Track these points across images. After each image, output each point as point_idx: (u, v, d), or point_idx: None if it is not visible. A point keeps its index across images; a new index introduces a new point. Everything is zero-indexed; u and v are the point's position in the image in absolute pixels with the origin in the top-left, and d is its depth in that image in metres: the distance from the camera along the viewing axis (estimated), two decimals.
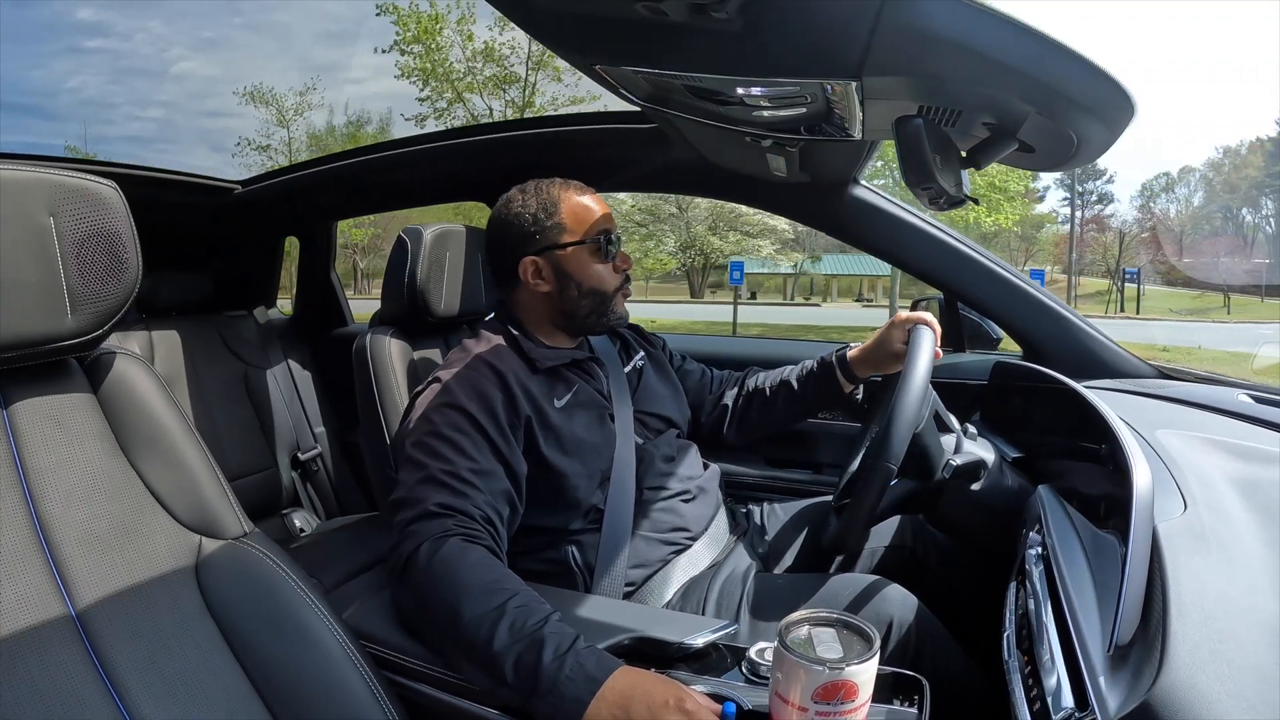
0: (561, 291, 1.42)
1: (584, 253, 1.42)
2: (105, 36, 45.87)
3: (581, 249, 1.41)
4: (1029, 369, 1.70)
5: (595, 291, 1.43)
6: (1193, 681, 0.62)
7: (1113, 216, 43.53)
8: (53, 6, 43.56)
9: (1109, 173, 42.78)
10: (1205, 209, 42.06)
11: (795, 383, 1.67)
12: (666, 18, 0.82)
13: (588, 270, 1.42)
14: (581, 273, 1.42)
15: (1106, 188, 44.77)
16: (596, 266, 1.42)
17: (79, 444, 0.92)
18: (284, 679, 0.92)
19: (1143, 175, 56.66)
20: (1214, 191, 42.02)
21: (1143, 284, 33.03)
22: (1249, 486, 1.00)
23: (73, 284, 0.87)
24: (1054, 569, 0.97)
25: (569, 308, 1.43)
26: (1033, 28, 0.78)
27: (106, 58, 46.18)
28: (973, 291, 1.88)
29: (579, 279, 1.42)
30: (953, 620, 1.31)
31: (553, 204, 1.42)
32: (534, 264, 1.42)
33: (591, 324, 1.46)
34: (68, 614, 0.84)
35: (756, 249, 26.94)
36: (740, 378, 1.78)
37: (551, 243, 1.41)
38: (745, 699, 0.95)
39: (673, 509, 1.42)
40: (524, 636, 0.97)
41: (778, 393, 1.69)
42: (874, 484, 1.23)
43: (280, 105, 24.59)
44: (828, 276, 36.60)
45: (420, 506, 1.14)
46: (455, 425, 1.23)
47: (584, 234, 1.41)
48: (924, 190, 1.05)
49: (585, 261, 1.42)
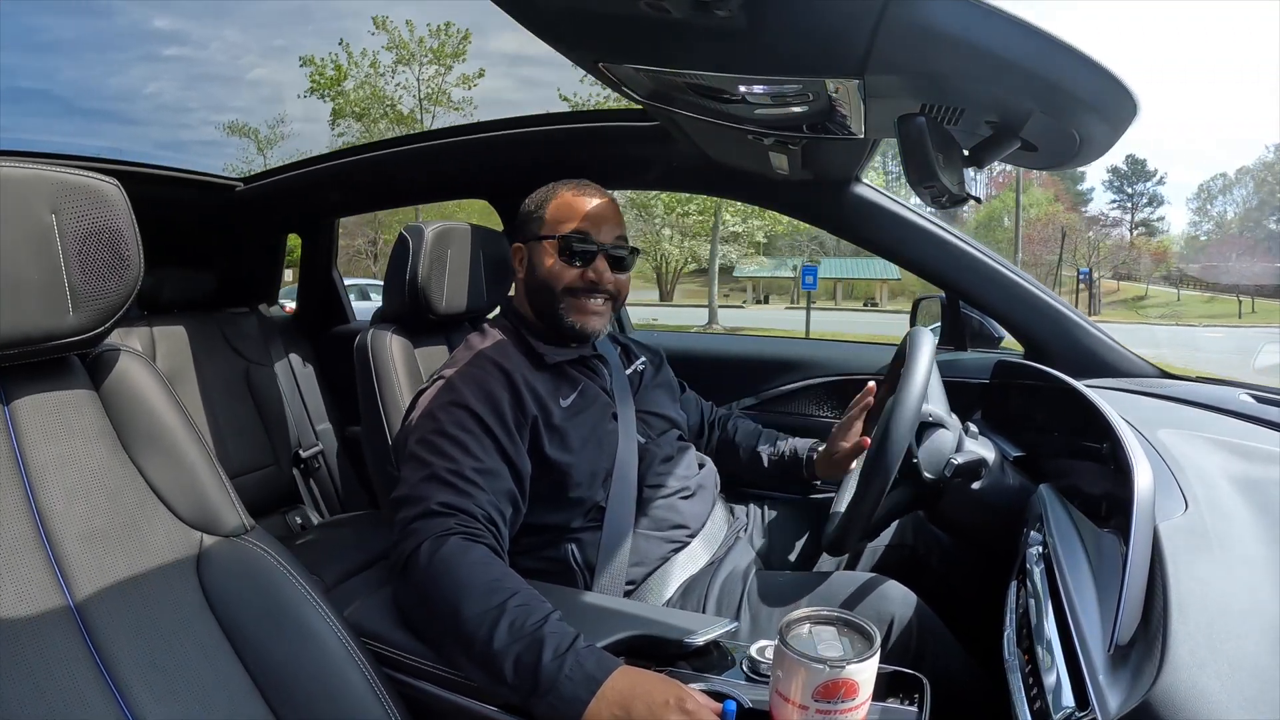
0: (528, 283, 1.44)
1: (548, 247, 1.41)
2: (181, 44, 48.58)
3: (548, 243, 1.41)
4: (1031, 368, 1.70)
5: (544, 286, 1.41)
6: (1193, 681, 0.62)
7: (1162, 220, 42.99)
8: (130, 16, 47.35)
9: (1160, 174, 42.42)
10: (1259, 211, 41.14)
11: (765, 459, 1.71)
12: (669, 15, 0.82)
13: (543, 264, 1.41)
14: (540, 265, 1.42)
15: (1157, 189, 44.38)
16: (551, 263, 1.41)
17: (80, 441, 0.92)
18: (284, 676, 0.92)
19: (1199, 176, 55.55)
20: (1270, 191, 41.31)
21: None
22: (1250, 486, 0.99)
23: (74, 281, 0.87)
24: (1055, 568, 0.97)
25: (532, 299, 1.45)
26: (1036, 26, 0.78)
27: (182, 65, 48.69)
28: (975, 290, 1.88)
29: (537, 271, 1.43)
30: (953, 619, 1.31)
31: (546, 198, 1.44)
32: (518, 250, 1.45)
33: (553, 324, 1.43)
34: (68, 610, 0.84)
35: (724, 254, 27.31)
36: (724, 420, 1.82)
37: (531, 233, 1.43)
38: (746, 697, 0.95)
39: (672, 506, 1.43)
40: (524, 635, 0.97)
41: (746, 456, 1.74)
42: (872, 487, 1.23)
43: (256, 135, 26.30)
44: (834, 280, 36.78)
45: (423, 505, 1.14)
46: (461, 424, 1.23)
47: (554, 229, 1.41)
48: (926, 188, 1.04)
49: (544, 256, 1.42)
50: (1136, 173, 46.43)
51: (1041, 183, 38.95)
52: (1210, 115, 63.74)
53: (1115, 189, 46.14)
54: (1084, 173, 45.99)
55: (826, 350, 2.32)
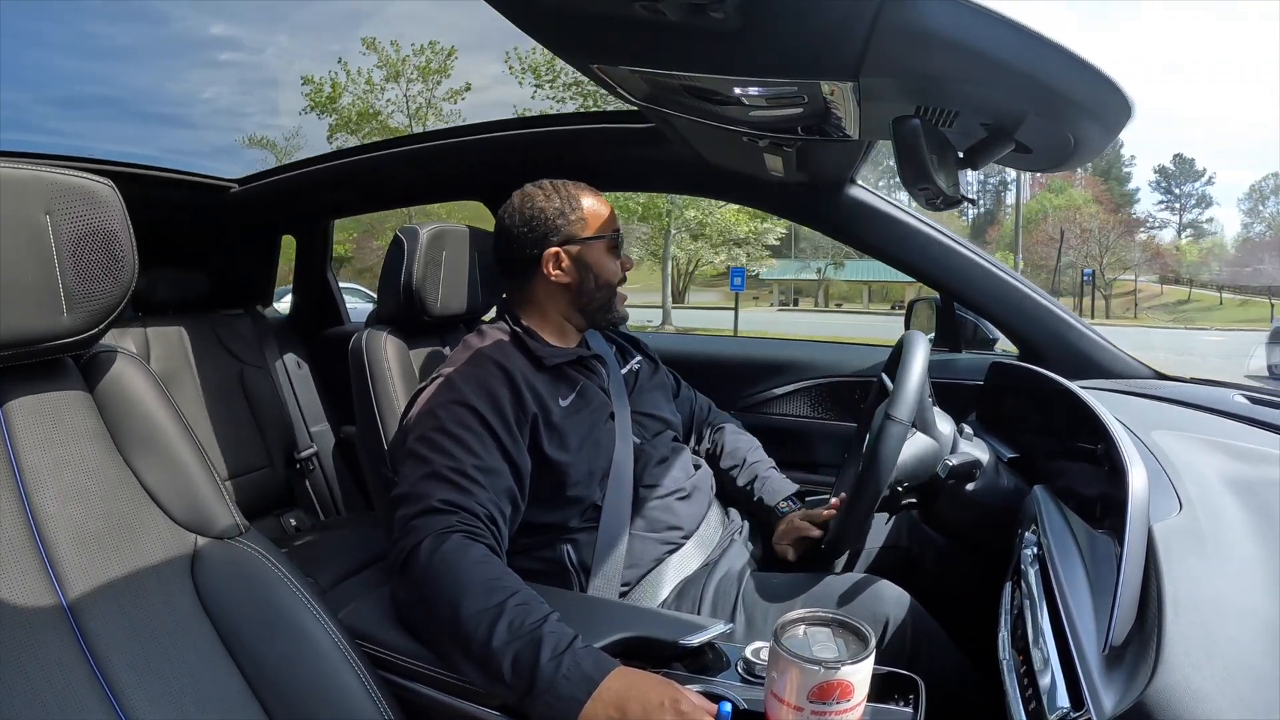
0: (581, 283, 1.45)
1: (602, 246, 1.46)
2: (236, 50, 51.38)
3: (600, 243, 1.46)
4: (1025, 369, 1.70)
5: (609, 284, 1.47)
6: (1188, 681, 0.62)
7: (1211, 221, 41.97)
8: (186, 24, 49.48)
9: (1209, 173, 41.61)
10: None
11: (739, 483, 1.66)
12: (664, 17, 0.82)
13: (603, 263, 1.46)
14: (599, 265, 1.46)
15: (1206, 189, 43.58)
16: (609, 261, 1.47)
17: (74, 442, 0.92)
18: (279, 679, 0.92)
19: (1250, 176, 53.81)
20: None
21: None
22: (1244, 487, 1.00)
23: (69, 282, 0.87)
24: (1049, 569, 0.97)
25: (584, 299, 1.47)
26: (1030, 28, 0.78)
27: (237, 70, 51.52)
28: (969, 292, 1.89)
29: (596, 270, 1.45)
30: (948, 620, 1.31)
31: (575, 200, 1.46)
32: (556, 254, 1.44)
33: (599, 318, 1.50)
34: (63, 613, 0.84)
35: (734, 257, 27.78)
36: (714, 426, 1.80)
37: (575, 235, 1.44)
38: (741, 699, 0.95)
39: (668, 508, 1.43)
40: (522, 635, 0.97)
41: (722, 472, 1.69)
42: (865, 495, 1.24)
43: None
44: (854, 283, 36.83)
45: (424, 502, 1.13)
46: (462, 422, 1.23)
47: (601, 229, 1.45)
48: (921, 190, 1.05)
49: (602, 255, 1.46)
50: (1184, 172, 45.23)
51: (1081, 183, 38.32)
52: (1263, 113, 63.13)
53: (1162, 189, 45.19)
54: (1129, 173, 46.00)
55: (818, 352, 2.32)
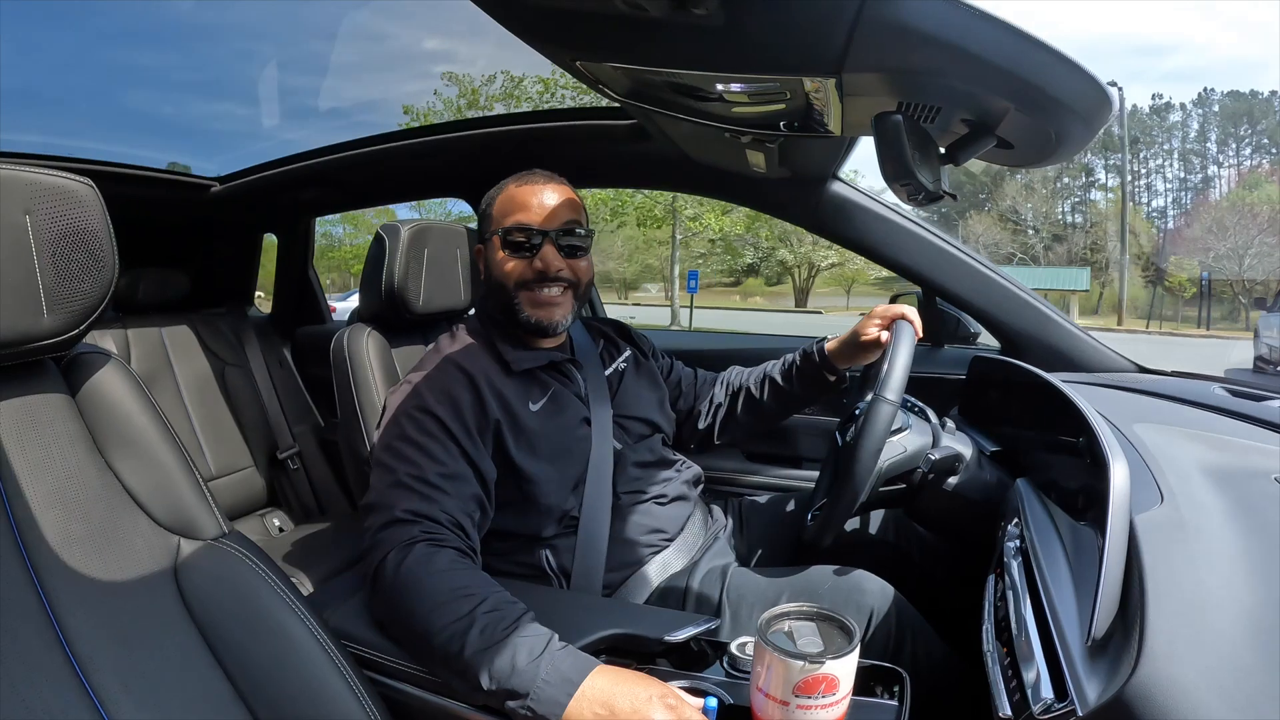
0: (487, 282, 1.41)
1: (495, 243, 1.38)
2: (450, 63, 54.06)
3: (494, 239, 1.38)
4: (1007, 363, 1.71)
5: (499, 284, 1.38)
6: (1170, 672, 0.63)
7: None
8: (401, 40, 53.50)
9: None
10: None
11: (781, 379, 1.64)
12: (647, 13, 0.82)
13: (493, 262, 1.39)
14: (491, 264, 1.40)
15: None
16: (500, 259, 1.37)
17: (55, 445, 0.91)
18: (265, 681, 0.91)
19: None
20: None
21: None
22: (1225, 478, 1.01)
23: (49, 283, 0.86)
24: (1032, 561, 0.98)
25: (493, 299, 1.41)
26: (1012, 24, 0.79)
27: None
28: (951, 286, 1.89)
29: (492, 269, 1.40)
30: (933, 613, 1.32)
31: (494, 194, 1.41)
32: (479, 252, 1.43)
33: (513, 322, 1.39)
34: (46, 617, 0.83)
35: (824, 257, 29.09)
36: (722, 378, 1.75)
37: (483, 232, 1.41)
38: (726, 694, 0.95)
39: (649, 512, 1.42)
40: (495, 643, 0.97)
41: (764, 389, 1.66)
42: (849, 486, 1.24)
43: None
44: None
45: (388, 513, 1.13)
46: (423, 429, 1.22)
47: (499, 224, 1.38)
48: (902, 186, 1.05)
49: (494, 253, 1.39)
50: None
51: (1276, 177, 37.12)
52: None
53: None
54: None
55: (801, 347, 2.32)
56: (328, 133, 46.83)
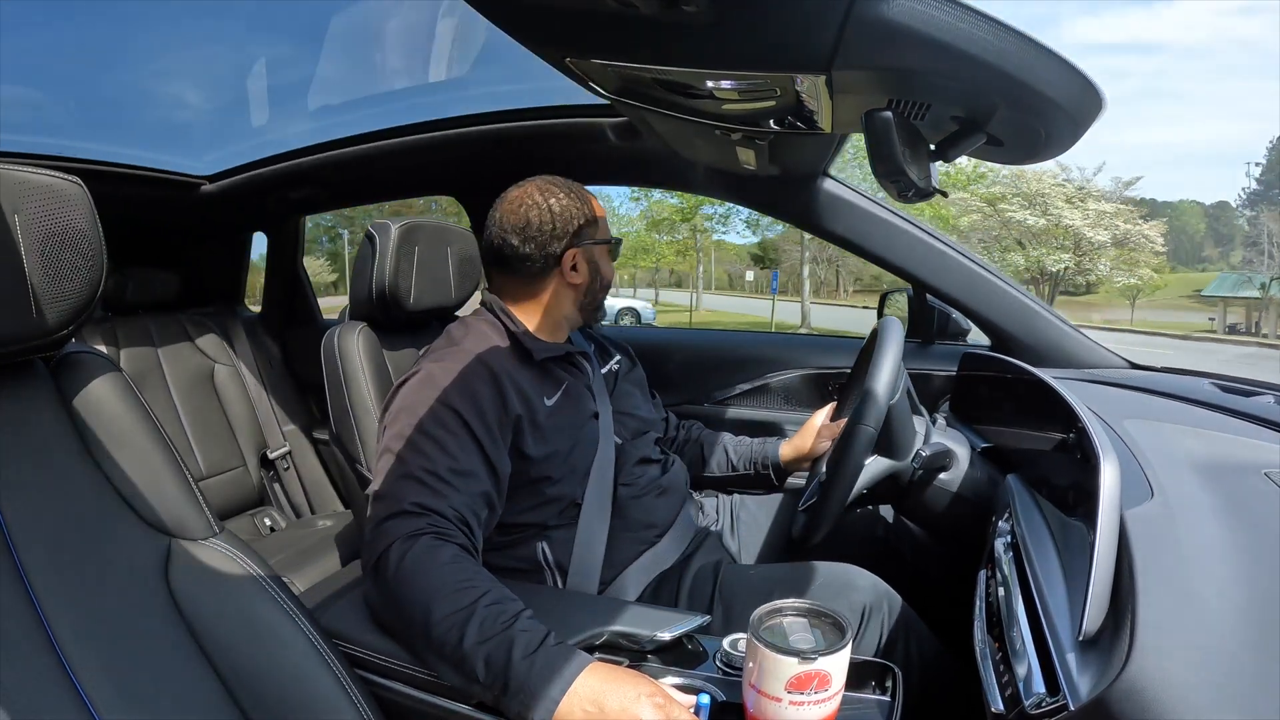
0: (589, 283, 1.46)
1: (605, 250, 1.49)
2: None
3: (605, 246, 1.48)
4: (997, 360, 1.71)
5: (608, 286, 1.50)
6: (1161, 666, 0.63)
7: None
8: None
9: None
10: None
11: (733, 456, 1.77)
12: (637, 11, 0.82)
13: (608, 266, 1.50)
14: (605, 268, 1.49)
15: None
16: (609, 264, 1.51)
17: (45, 446, 0.90)
18: (257, 681, 0.91)
19: None
20: None
21: None
22: (1215, 473, 1.01)
23: (37, 282, 0.85)
24: (1024, 557, 0.98)
25: (590, 300, 1.48)
26: (1003, 22, 0.79)
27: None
28: (941, 283, 1.90)
29: (604, 273, 1.48)
30: (925, 608, 1.32)
31: (589, 201, 1.46)
32: (574, 255, 1.43)
33: (593, 317, 1.53)
34: (36, 618, 0.82)
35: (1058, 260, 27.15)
36: (685, 427, 1.85)
37: (591, 238, 1.44)
38: (719, 691, 0.95)
39: (644, 506, 1.43)
40: (493, 635, 0.97)
41: (712, 457, 1.78)
42: (841, 480, 1.24)
43: None
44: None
45: (396, 504, 1.12)
46: (440, 422, 1.21)
47: (606, 234, 1.47)
48: (893, 183, 1.05)
49: (605, 257, 1.49)
50: None
51: None
52: None
53: None
54: None
55: (795, 344, 2.33)
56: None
